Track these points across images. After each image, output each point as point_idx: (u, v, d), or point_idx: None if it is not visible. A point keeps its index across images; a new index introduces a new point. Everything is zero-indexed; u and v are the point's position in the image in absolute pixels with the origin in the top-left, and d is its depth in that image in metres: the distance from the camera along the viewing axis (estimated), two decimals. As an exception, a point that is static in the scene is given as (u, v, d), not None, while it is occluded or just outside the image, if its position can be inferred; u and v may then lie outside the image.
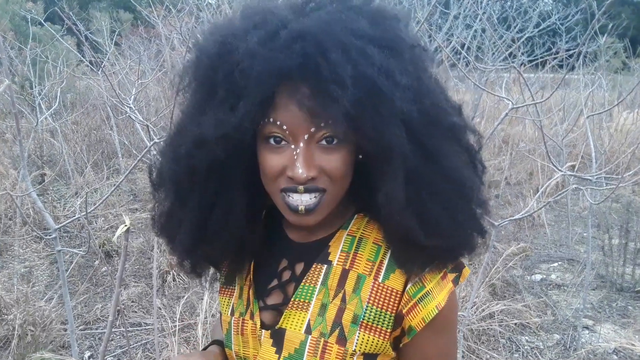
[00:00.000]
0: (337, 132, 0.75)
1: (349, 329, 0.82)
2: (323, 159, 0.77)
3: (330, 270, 0.85)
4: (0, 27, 7.68)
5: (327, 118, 0.72)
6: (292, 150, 0.76)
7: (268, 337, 0.87)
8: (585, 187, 3.15)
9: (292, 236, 0.92)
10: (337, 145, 0.77)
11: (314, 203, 0.78)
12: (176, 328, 2.89)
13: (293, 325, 0.85)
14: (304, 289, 0.85)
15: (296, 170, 0.75)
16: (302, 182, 0.76)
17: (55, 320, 3.16)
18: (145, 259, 4.30)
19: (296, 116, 0.74)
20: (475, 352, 3.09)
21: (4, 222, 4.59)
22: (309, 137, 0.76)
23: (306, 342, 0.83)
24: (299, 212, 0.79)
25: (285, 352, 0.84)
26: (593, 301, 3.78)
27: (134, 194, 5.88)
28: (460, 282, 0.86)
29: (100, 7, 12.51)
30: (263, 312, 0.89)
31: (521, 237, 4.96)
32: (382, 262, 0.84)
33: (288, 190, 0.78)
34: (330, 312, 0.83)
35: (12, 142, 6.44)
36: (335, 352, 0.81)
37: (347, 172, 0.80)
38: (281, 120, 0.75)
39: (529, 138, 7.08)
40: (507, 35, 5.45)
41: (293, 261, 0.90)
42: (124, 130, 6.99)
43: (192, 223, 0.85)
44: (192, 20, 4.97)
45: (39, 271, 4.01)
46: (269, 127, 0.76)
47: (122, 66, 6.33)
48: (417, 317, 0.82)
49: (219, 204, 0.83)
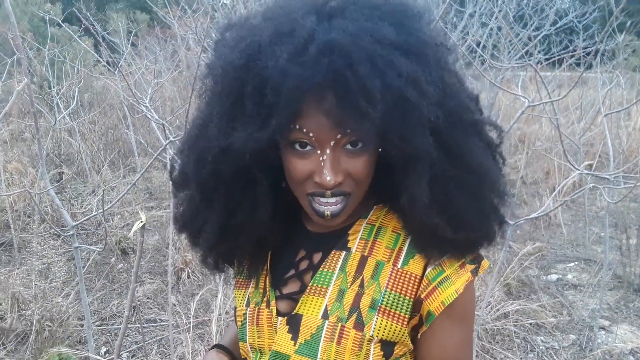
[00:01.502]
0: (363, 138, 0.77)
1: (367, 314, 0.82)
2: (349, 163, 0.78)
3: (349, 257, 0.86)
4: (19, 28, 7.80)
5: (355, 129, 0.74)
6: (319, 156, 0.77)
7: (284, 324, 0.87)
8: (603, 187, 3.11)
9: (310, 227, 0.93)
10: (361, 148, 0.78)
11: (340, 208, 0.80)
12: (191, 325, 2.91)
13: (310, 310, 0.85)
14: (322, 274, 0.86)
15: (324, 177, 0.76)
16: (329, 188, 0.77)
17: (72, 316, 3.21)
18: (161, 257, 4.34)
19: (323, 124, 0.75)
20: (490, 351, 3.07)
21: (23, 220, 4.67)
22: (335, 143, 0.77)
23: (323, 327, 0.83)
24: (325, 217, 0.81)
25: (302, 338, 0.84)
26: (610, 301, 3.73)
27: (149, 192, 5.94)
28: (479, 274, 0.87)
29: (117, 8, 12.63)
30: (279, 301, 0.90)
31: (537, 236, 4.91)
32: (401, 249, 0.85)
33: (315, 195, 0.80)
34: (348, 298, 0.83)
35: (31, 141, 6.54)
36: (353, 337, 0.81)
37: (370, 173, 0.82)
38: (307, 127, 0.75)
39: (545, 137, 7.01)
40: (524, 34, 5.40)
41: (311, 251, 0.91)
42: (140, 130, 7.06)
43: (217, 222, 0.86)
44: (208, 20, 5.00)
45: (56, 268, 4.07)
46: (295, 134, 0.77)
47: (139, 66, 6.39)
48: (437, 301, 0.82)
49: (244, 203, 0.84)
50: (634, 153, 6.13)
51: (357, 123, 0.72)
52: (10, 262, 4.06)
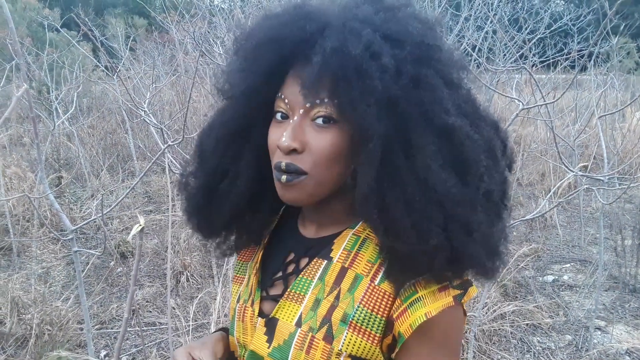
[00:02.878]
0: (328, 112, 0.77)
1: (337, 327, 0.80)
2: (312, 136, 0.78)
3: (330, 266, 0.85)
4: (18, 33, 7.83)
5: (313, 94, 0.77)
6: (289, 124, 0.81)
7: (262, 325, 0.88)
8: (597, 188, 3.15)
9: (303, 231, 0.94)
10: (330, 126, 0.78)
11: (295, 179, 0.79)
12: (190, 327, 2.93)
13: (285, 316, 0.85)
14: (301, 281, 0.86)
15: (282, 140, 0.78)
16: (285, 152, 0.78)
17: (72, 319, 3.21)
18: (160, 260, 4.36)
19: (295, 91, 0.78)
20: (487, 352, 3.09)
21: (22, 224, 4.69)
22: (304, 112, 0.79)
23: (295, 335, 0.82)
24: (281, 182, 0.80)
25: (275, 342, 0.84)
26: (605, 302, 3.76)
27: (148, 196, 5.96)
28: (464, 301, 0.80)
29: (115, 13, 12.67)
30: (264, 301, 0.91)
31: (533, 238, 4.94)
32: (381, 265, 0.82)
33: (275, 168, 0.81)
34: (323, 308, 0.82)
35: (30, 145, 6.56)
36: (321, 348, 0.80)
37: (333, 157, 0.78)
38: (284, 94, 0.81)
39: (540, 139, 7.04)
40: (519, 37, 5.44)
41: (299, 255, 0.91)
42: (138, 134, 7.08)
43: (203, 183, 0.92)
44: (205, 25, 5.03)
45: (55, 272, 4.09)
46: (277, 102, 0.82)
47: (137, 71, 6.43)
48: (406, 323, 0.77)
49: (230, 171, 0.90)
50: (629, 155, 6.17)
51: (316, 82, 0.75)
52: (10, 267, 4.07)
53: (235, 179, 0.90)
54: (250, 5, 5.25)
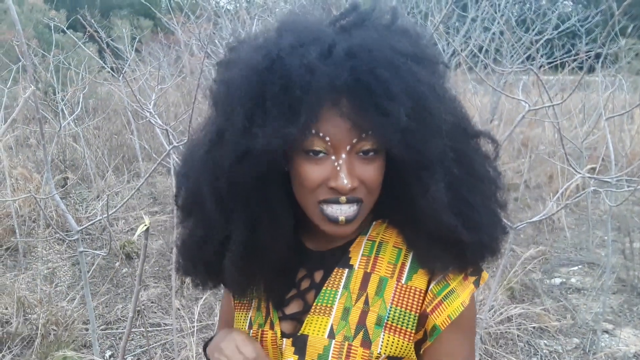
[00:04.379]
0: (380, 143, 0.77)
1: (374, 331, 0.81)
2: (362, 169, 0.78)
3: (352, 274, 0.85)
4: (24, 35, 7.87)
5: (376, 131, 0.75)
6: (333, 162, 0.77)
7: (290, 345, 0.86)
8: (604, 190, 3.12)
9: (309, 245, 0.92)
10: (374, 156, 0.79)
11: (354, 214, 0.79)
12: (194, 328, 2.93)
13: (315, 330, 0.84)
14: (326, 293, 0.86)
15: (340, 181, 0.76)
16: (345, 192, 0.77)
17: (77, 320, 3.22)
18: (165, 261, 4.36)
19: (339, 127, 0.75)
20: (493, 355, 3.07)
21: (28, 225, 4.70)
22: (350, 148, 0.77)
23: (330, 347, 0.82)
24: (339, 223, 0.79)
25: (309, 359, 0.84)
26: (613, 305, 3.73)
27: (153, 197, 5.97)
28: (480, 285, 0.87)
29: (121, 15, 12.72)
30: (282, 321, 0.89)
31: (540, 240, 4.92)
32: (404, 264, 0.85)
33: (329, 202, 0.78)
34: (354, 315, 0.83)
35: (36, 146, 6.59)
36: (361, 355, 0.81)
37: (381, 181, 0.82)
38: (324, 132, 0.76)
39: (548, 141, 7.00)
40: (526, 38, 5.42)
41: (312, 269, 0.90)
42: (144, 135, 7.09)
43: (239, 238, 0.83)
44: (211, 26, 5.04)
45: (61, 272, 4.10)
46: (310, 140, 0.76)
47: (142, 72, 6.44)
48: (443, 315, 0.82)
49: (263, 218, 0.82)
50: (637, 156, 6.12)
51: (378, 126, 0.74)
52: (16, 267, 4.09)
53: (276, 224, 0.83)
54: (255, 6, 5.26)
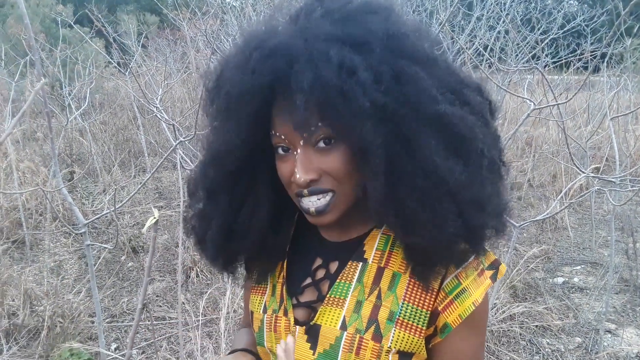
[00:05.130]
0: (327, 133, 0.77)
1: (385, 326, 0.83)
2: (322, 161, 0.78)
3: (366, 268, 0.86)
4: (32, 29, 7.88)
5: (307, 125, 0.76)
6: (294, 157, 0.80)
7: (302, 333, 0.88)
8: (608, 189, 3.13)
9: (326, 235, 0.93)
10: (334, 145, 0.77)
11: (324, 204, 0.80)
12: (199, 322, 2.95)
13: (328, 321, 0.86)
14: (340, 285, 0.87)
15: (295, 177, 0.79)
16: (303, 186, 0.79)
17: (83, 312, 3.25)
18: (170, 255, 4.39)
19: (287, 125, 0.77)
20: (495, 353, 3.09)
21: (35, 218, 4.74)
22: (304, 142, 0.78)
23: (341, 338, 0.84)
24: (311, 214, 0.82)
25: (320, 348, 0.85)
26: (616, 305, 3.74)
27: (159, 191, 6.00)
28: (497, 279, 0.86)
29: (127, 10, 12.75)
30: (296, 309, 0.91)
31: (543, 239, 4.92)
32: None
33: (298, 195, 0.81)
34: (366, 309, 0.84)
35: (43, 140, 6.62)
36: (371, 348, 0.82)
37: (350, 170, 0.79)
38: (279, 131, 0.79)
39: (552, 140, 7.00)
40: (531, 37, 5.42)
41: (327, 260, 0.91)
42: (150, 130, 7.13)
43: (221, 222, 0.88)
44: (217, 22, 5.06)
45: (68, 265, 4.13)
46: (274, 139, 0.81)
47: (149, 67, 6.47)
48: (454, 314, 0.82)
49: (246, 204, 0.88)
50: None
51: (303, 118, 0.73)
52: (23, 260, 4.12)
53: (255, 208, 0.88)
54: (261, 2, 5.27)
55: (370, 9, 0.78)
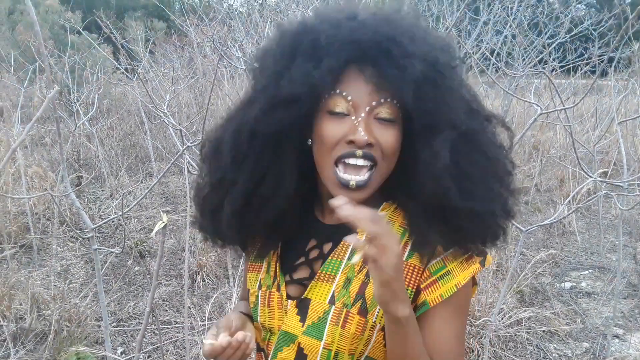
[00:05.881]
0: (398, 109, 0.84)
1: (371, 302, 0.87)
2: (380, 132, 0.84)
3: None
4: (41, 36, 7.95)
5: (396, 89, 0.82)
6: (353, 121, 0.83)
7: (294, 307, 0.92)
8: (616, 194, 3.11)
9: (322, 219, 0.98)
10: (391, 123, 0.85)
11: (365, 179, 0.84)
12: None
13: (318, 295, 0.90)
14: (331, 262, 0.91)
15: (358, 134, 0.82)
16: (362, 145, 0.82)
17: (90, 316, 3.26)
18: (176, 260, 4.40)
19: (361, 89, 0.83)
20: (502, 358, 3.07)
21: (43, 223, 4.77)
22: (370, 109, 0.83)
23: (329, 312, 0.88)
24: (350, 187, 0.84)
25: (309, 321, 0.90)
26: (624, 310, 3.70)
27: (166, 196, 6.02)
28: (486, 266, 0.91)
29: (135, 17, 12.83)
30: (289, 285, 0.95)
31: (551, 244, 4.89)
32: (407, 244, 0.90)
33: (345, 157, 0.84)
34: (354, 285, 0.88)
35: (51, 146, 6.67)
36: (357, 322, 0.86)
37: (397, 150, 0.87)
38: (347, 91, 0.83)
39: (560, 144, 6.97)
40: (538, 41, 5.40)
41: (322, 241, 0.96)
42: (157, 135, 7.16)
43: (243, 188, 0.90)
44: (224, 28, 5.08)
45: (75, 269, 4.15)
46: (333, 99, 0.84)
47: (156, 73, 6.51)
48: (435, 293, 0.86)
49: (270, 173, 0.89)
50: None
51: (396, 85, 0.81)
52: (30, 264, 4.15)
53: (280, 181, 0.90)
54: (268, 8, 5.30)
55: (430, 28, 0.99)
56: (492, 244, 0.90)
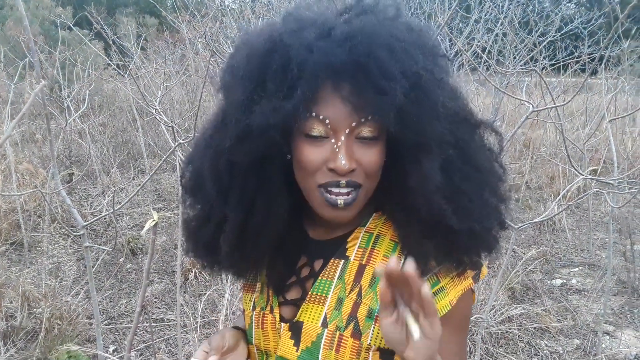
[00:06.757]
0: (381, 124, 0.78)
1: (364, 323, 0.83)
2: (361, 153, 0.79)
3: (347, 265, 0.86)
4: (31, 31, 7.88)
5: (376, 111, 0.76)
6: (333, 144, 0.78)
7: (287, 330, 0.88)
8: (607, 192, 3.13)
9: (311, 234, 0.94)
10: (373, 141, 0.79)
11: (352, 198, 0.80)
12: (198, 324, 2.95)
13: (310, 318, 0.86)
14: (321, 283, 0.87)
15: (339, 162, 0.77)
16: (343, 173, 0.78)
17: (82, 314, 3.25)
18: (169, 257, 4.39)
19: (339, 111, 0.77)
20: (494, 355, 3.09)
21: (33, 220, 4.74)
22: (349, 131, 0.78)
23: (322, 335, 0.84)
24: (338, 207, 0.80)
25: (303, 345, 0.86)
26: (614, 307, 3.74)
27: (158, 193, 6.00)
28: (480, 279, 0.88)
29: (127, 13, 12.75)
30: (283, 306, 0.91)
31: (541, 241, 4.93)
32: (399, 258, 0.86)
33: (329, 186, 0.79)
34: (346, 306, 0.84)
35: (42, 142, 6.62)
36: (351, 345, 0.83)
37: (380, 166, 0.82)
38: (324, 114, 0.77)
39: (550, 142, 7.02)
40: (529, 39, 5.43)
41: (312, 258, 0.92)
42: (149, 132, 7.13)
43: (235, 221, 0.85)
44: (216, 25, 5.06)
45: (66, 267, 4.13)
46: (310, 122, 0.78)
47: (148, 70, 6.48)
48: None
49: (259, 199, 0.84)
50: (639, 159, 6.13)
51: (376, 107, 0.74)
52: (21, 262, 4.12)
53: (271, 205, 0.85)
54: (260, 5, 5.28)
55: (419, 25, 0.88)
56: (487, 255, 0.87)
